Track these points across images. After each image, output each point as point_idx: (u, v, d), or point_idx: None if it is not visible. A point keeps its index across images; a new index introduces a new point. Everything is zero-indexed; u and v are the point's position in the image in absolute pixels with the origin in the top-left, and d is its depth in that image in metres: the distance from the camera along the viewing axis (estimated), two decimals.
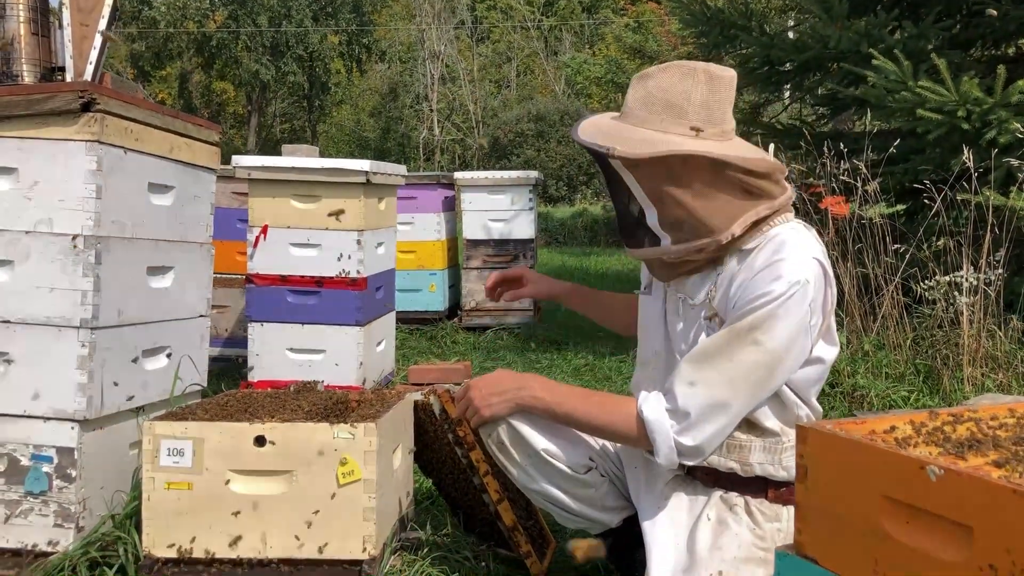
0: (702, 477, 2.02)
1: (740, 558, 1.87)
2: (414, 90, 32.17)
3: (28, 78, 2.45)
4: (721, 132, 1.84)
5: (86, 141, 2.15)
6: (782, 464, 1.92)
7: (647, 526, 1.96)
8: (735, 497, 1.96)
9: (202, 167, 2.62)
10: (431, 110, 30.94)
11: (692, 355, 1.82)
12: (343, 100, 35.12)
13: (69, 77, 2.45)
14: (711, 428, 1.79)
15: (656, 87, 1.82)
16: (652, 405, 1.81)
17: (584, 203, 21.09)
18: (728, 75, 1.85)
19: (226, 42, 29.43)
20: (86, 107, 2.13)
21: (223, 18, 30.01)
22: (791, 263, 1.77)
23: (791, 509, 1.92)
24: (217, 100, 33.98)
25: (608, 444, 2.08)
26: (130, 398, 2.35)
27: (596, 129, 1.85)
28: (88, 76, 2.43)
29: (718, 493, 1.97)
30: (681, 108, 1.81)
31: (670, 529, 1.94)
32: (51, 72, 2.50)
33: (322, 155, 4.15)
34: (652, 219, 1.82)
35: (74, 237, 2.16)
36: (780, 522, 1.93)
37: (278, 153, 3.94)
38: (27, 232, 2.17)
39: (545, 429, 2.01)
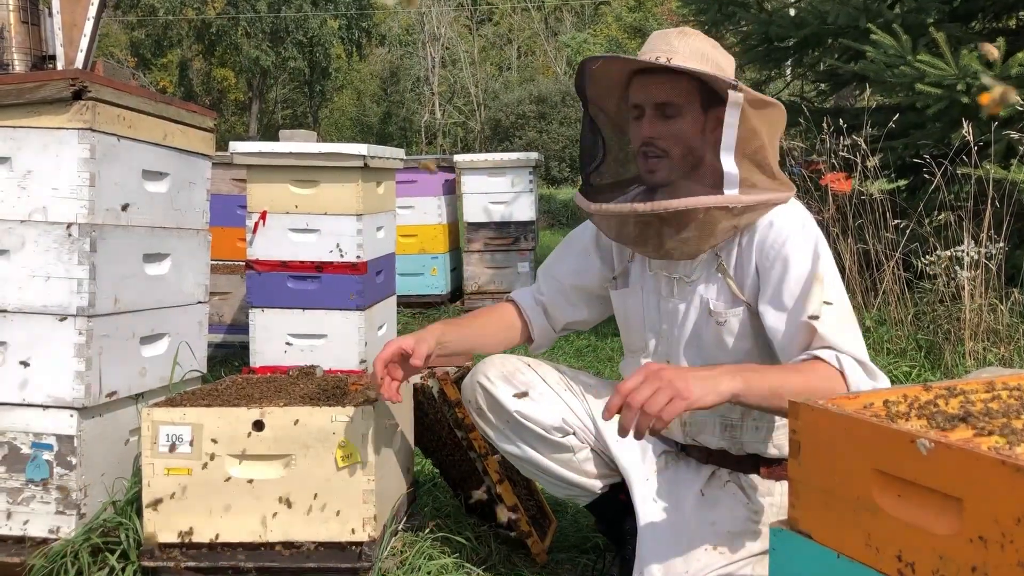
0: (694, 453, 2.03)
1: (734, 532, 1.88)
2: (415, 73, 32.06)
3: (19, 67, 2.45)
4: None
5: (78, 129, 2.15)
6: (773, 443, 1.93)
7: (639, 501, 1.97)
8: (727, 473, 1.97)
9: (197, 153, 2.61)
10: (432, 93, 30.85)
11: (815, 317, 1.74)
12: (344, 85, 35.00)
13: (60, 65, 2.44)
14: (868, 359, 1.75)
15: (701, 47, 1.86)
16: (849, 364, 1.69)
17: None
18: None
19: (226, 29, 29.31)
20: (78, 95, 2.12)
21: (222, 4, 29.88)
22: (784, 213, 1.84)
23: (784, 484, 1.93)
24: (218, 87, 33.87)
25: (587, 417, 2.07)
26: (129, 385, 2.35)
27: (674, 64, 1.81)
28: (79, 64, 2.43)
29: (710, 469, 1.98)
30: (725, 72, 1.87)
31: (662, 504, 1.95)
32: (42, 60, 2.50)
33: (324, 141, 4.13)
34: (730, 165, 1.77)
35: (69, 225, 2.16)
36: (773, 496, 1.94)
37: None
38: (22, 221, 2.17)
39: (518, 392, 2.02)
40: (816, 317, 1.72)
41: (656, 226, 1.84)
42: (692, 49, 1.84)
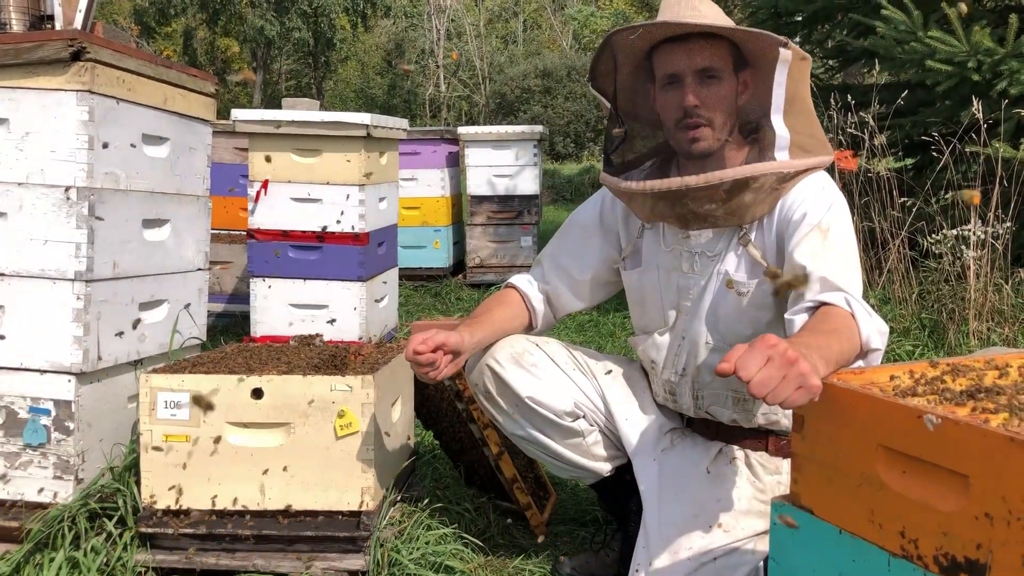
0: (701, 430, 2.01)
1: (740, 511, 1.87)
2: (420, 46, 31.85)
3: (16, 26, 2.41)
4: None
5: (77, 91, 2.12)
6: (784, 412, 1.91)
7: (644, 480, 1.95)
8: (735, 450, 1.95)
9: (197, 118, 2.58)
10: (437, 66, 30.67)
11: (816, 264, 1.69)
12: (348, 56, 34.78)
13: (58, 25, 2.41)
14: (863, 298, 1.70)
15: (718, 10, 1.83)
16: (857, 306, 1.61)
17: (592, 159, 20.94)
18: None
19: None
20: (76, 56, 2.08)
21: None
22: (805, 179, 1.82)
23: (789, 461, 1.91)
24: (222, 57, 33.67)
25: (597, 397, 2.05)
26: (128, 351, 2.34)
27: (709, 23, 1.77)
28: (78, 24, 2.39)
29: (717, 446, 1.97)
30: None
31: (668, 483, 1.93)
32: (40, 20, 2.46)
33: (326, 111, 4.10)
34: (781, 128, 1.74)
35: (67, 189, 2.13)
36: (780, 475, 1.92)
37: None
38: (20, 184, 2.14)
39: (530, 377, 1.98)
40: (825, 259, 1.69)
41: (703, 198, 1.79)
42: (717, 11, 1.81)
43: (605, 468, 2.07)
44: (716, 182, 1.74)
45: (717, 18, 1.79)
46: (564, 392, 2.00)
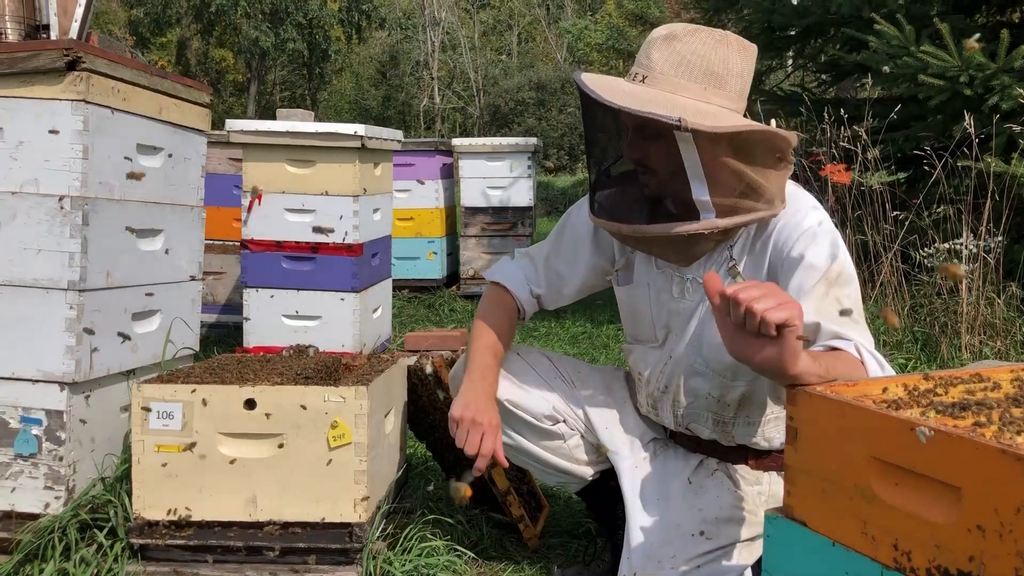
0: (683, 442, 2.02)
1: (722, 519, 1.88)
2: (414, 57, 31.95)
3: (12, 36, 2.41)
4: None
5: (72, 100, 2.12)
6: (763, 435, 1.92)
7: (627, 489, 1.96)
8: (715, 463, 1.96)
9: (192, 129, 2.58)
10: (431, 78, 30.75)
11: (824, 317, 1.67)
12: (343, 67, 34.84)
13: (54, 35, 2.41)
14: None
15: (690, 52, 1.73)
16: (867, 355, 1.63)
17: (585, 172, 20.99)
18: (753, 46, 1.83)
19: (225, 8, 29.11)
20: (71, 66, 2.09)
21: None
22: (801, 212, 1.80)
23: (771, 474, 1.93)
24: (216, 68, 33.69)
25: (576, 405, 2.06)
26: (120, 361, 2.33)
27: (631, 96, 1.70)
28: (74, 34, 2.39)
29: (698, 458, 1.98)
30: (722, 77, 1.75)
31: (650, 491, 1.94)
32: (35, 30, 2.46)
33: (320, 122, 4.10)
34: (701, 194, 1.71)
35: (61, 198, 2.13)
36: (761, 485, 1.93)
37: None
38: (13, 193, 2.14)
39: (508, 381, 2.01)
40: (835, 312, 1.67)
41: (646, 241, 1.86)
42: (675, 59, 1.74)
43: (588, 472, 2.09)
44: (640, 235, 1.82)
45: (667, 69, 1.73)
46: (543, 397, 2.04)
